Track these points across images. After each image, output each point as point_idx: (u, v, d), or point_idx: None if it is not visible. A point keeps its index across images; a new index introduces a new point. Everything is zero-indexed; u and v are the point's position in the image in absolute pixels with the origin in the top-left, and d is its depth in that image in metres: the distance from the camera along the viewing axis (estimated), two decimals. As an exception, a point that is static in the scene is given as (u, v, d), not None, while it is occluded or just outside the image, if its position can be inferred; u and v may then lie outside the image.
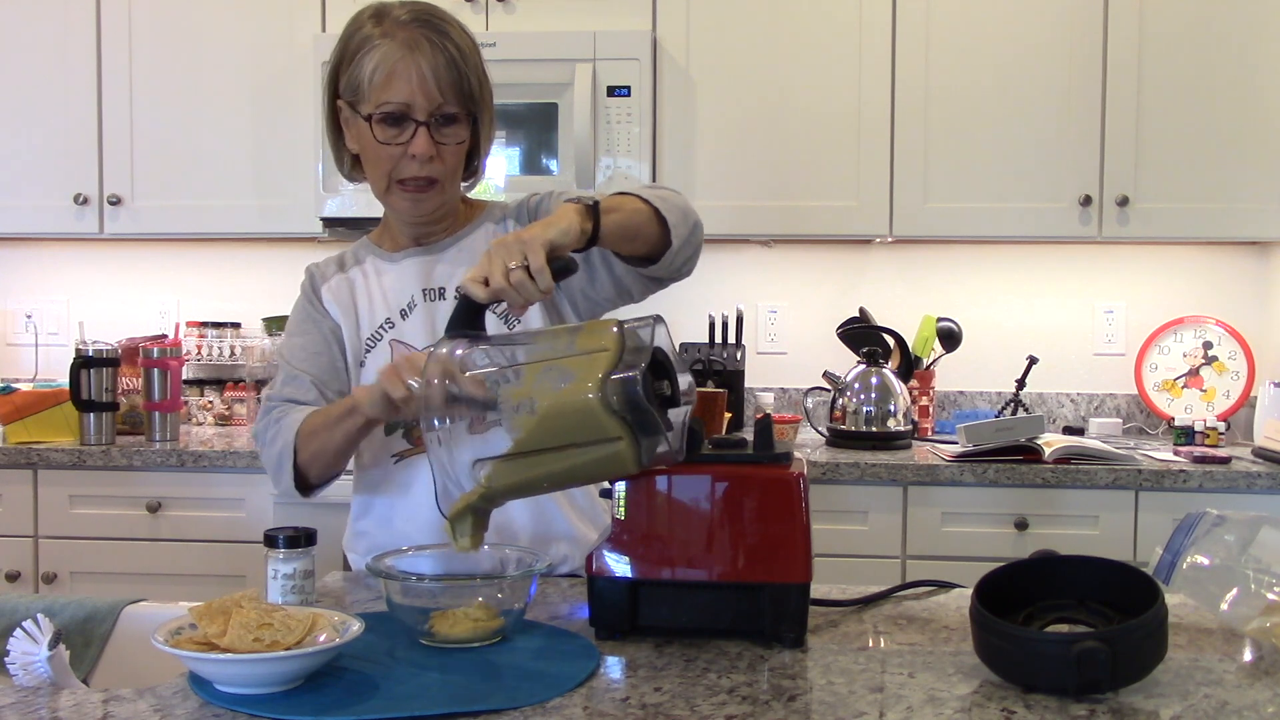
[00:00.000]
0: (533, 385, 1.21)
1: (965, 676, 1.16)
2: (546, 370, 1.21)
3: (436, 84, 1.51)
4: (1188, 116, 2.95)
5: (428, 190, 1.57)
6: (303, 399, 1.60)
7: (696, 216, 1.54)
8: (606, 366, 1.17)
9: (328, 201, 3.02)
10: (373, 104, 1.52)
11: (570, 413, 1.17)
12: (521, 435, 1.21)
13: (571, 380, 1.18)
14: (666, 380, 1.23)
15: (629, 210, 1.42)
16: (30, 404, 2.92)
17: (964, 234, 3.07)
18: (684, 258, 1.52)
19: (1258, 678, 1.17)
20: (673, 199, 1.49)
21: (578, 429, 1.18)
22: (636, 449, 1.18)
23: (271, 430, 1.58)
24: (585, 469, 1.22)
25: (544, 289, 1.26)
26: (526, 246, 1.26)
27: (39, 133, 3.18)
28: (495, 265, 1.26)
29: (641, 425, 1.17)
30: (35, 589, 2.85)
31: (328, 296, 1.67)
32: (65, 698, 1.08)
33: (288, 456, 1.54)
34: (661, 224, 1.45)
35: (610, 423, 1.16)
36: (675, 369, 1.24)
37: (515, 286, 1.26)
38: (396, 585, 1.25)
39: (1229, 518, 1.43)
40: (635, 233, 1.43)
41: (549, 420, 1.19)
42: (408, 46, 1.50)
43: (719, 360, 3.21)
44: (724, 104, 3.04)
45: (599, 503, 1.66)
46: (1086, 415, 3.32)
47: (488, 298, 1.27)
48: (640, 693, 1.11)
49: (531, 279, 1.25)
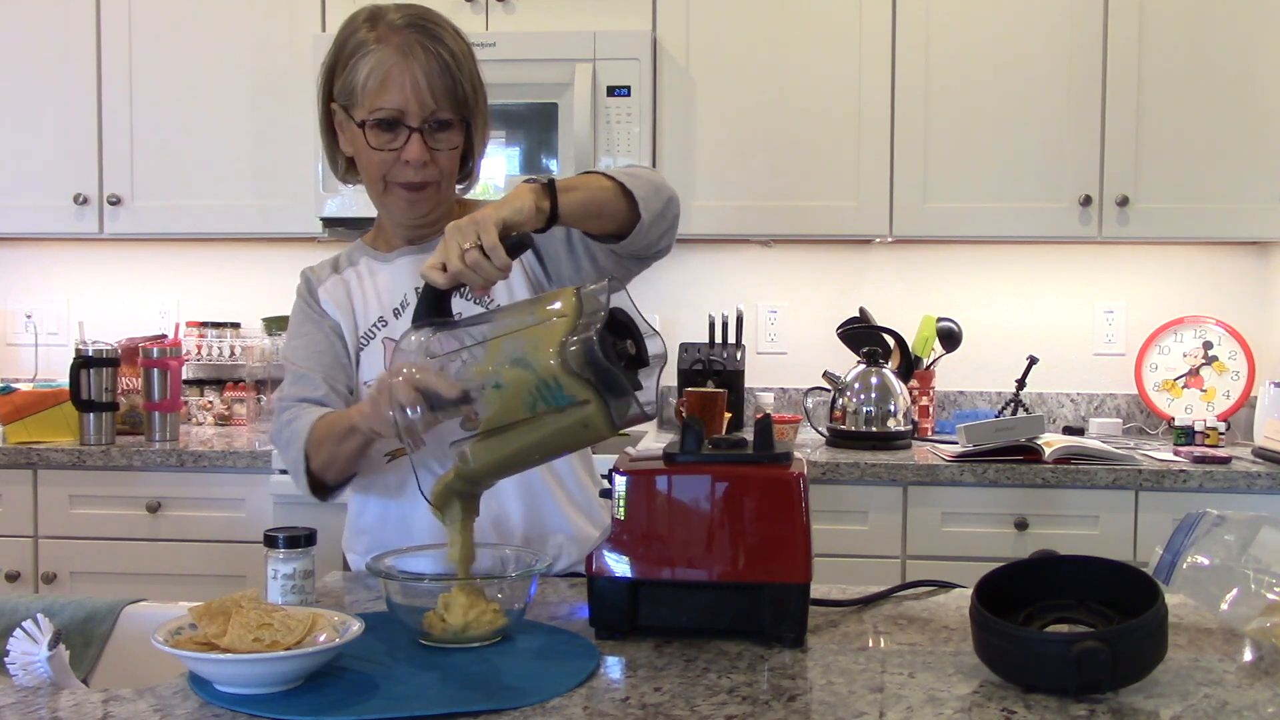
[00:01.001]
0: (496, 359, 1.21)
1: (965, 676, 1.16)
2: (507, 343, 1.21)
3: (430, 90, 1.51)
4: (1188, 116, 2.95)
5: (422, 192, 1.57)
6: (312, 395, 1.60)
7: (671, 191, 1.52)
8: (565, 330, 1.17)
9: (328, 201, 3.02)
10: (366, 110, 1.52)
11: (534, 380, 1.17)
12: (491, 411, 1.21)
13: (531, 348, 1.18)
14: (629, 340, 1.22)
15: (592, 188, 1.41)
16: (30, 404, 2.92)
17: (964, 234, 3.07)
18: (658, 232, 1.50)
19: (1258, 678, 1.17)
20: (644, 174, 1.48)
21: (545, 397, 1.17)
22: (605, 410, 1.17)
23: (285, 433, 1.58)
24: (559, 437, 1.21)
25: (500, 266, 1.26)
26: (479, 226, 1.26)
27: (39, 133, 3.18)
28: (451, 249, 1.26)
29: (607, 385, 1.17)
30: (35, 589, 2.85)
31: (324, 298, 1.67)
32: (65, 698, 1.08)
33: (300, 463, 1.55)
34: (629, 199, 1.43)
35: (575, 385, 1.16)
36: (639, 329, 1.23)
37: (472, 267, 1.26)
38: (396, 585, 1.25)
39: (1229, 518, 1.43)
40: (599, 209, 1.42)
41: (515, 392, 1.19)
42: (401, 52, 1.50)
43: (719, 360, 3.21)
44: (724, 104, 3.04)
45: (596, 498, 1.66)
46: (1086, 415, 3.32)
47: (447, 282, 1.27)
48: (640, 693, 1.11)
49: (487, 258, 1.25)
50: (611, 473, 1.28)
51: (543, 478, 1.60)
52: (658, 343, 1.26)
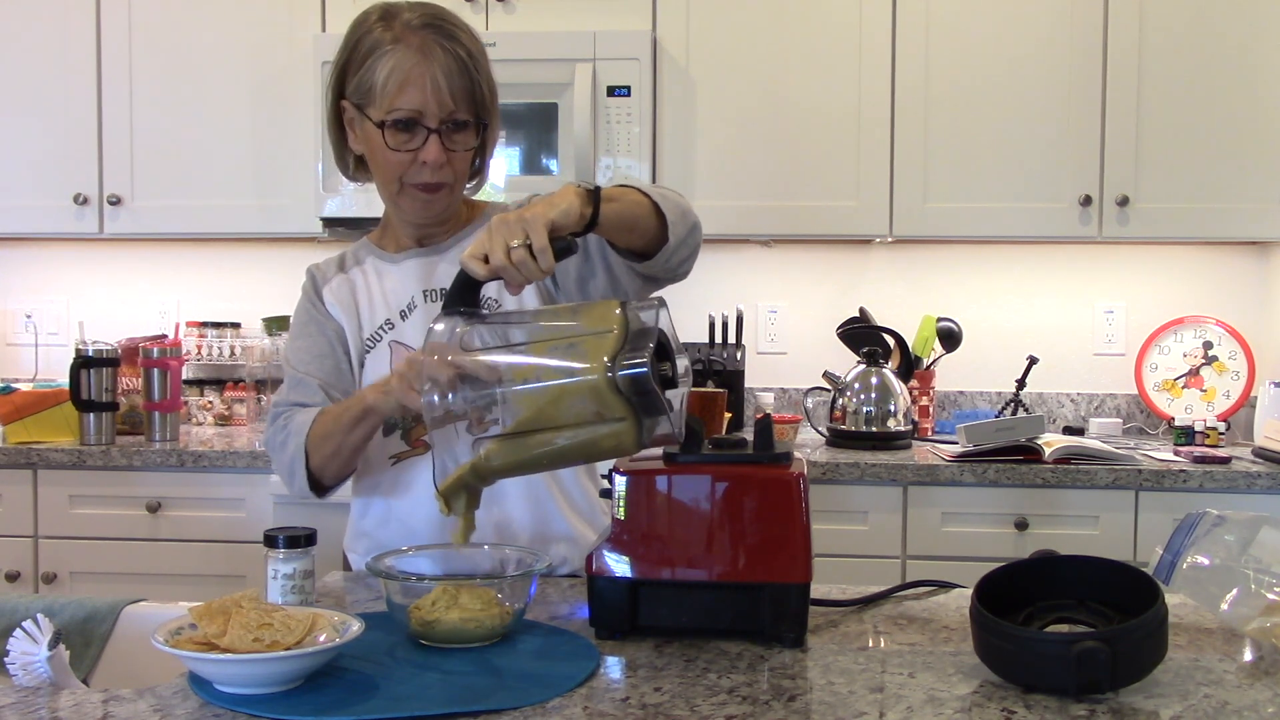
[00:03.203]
0: (537, 364, 1.21)
1: (965, 676, 1.16)
2: (552, 349, 1.21)
3: (450, 91, 1.50)
4: (1188, 116, 2.95)
5: (437, 193, 1.57)
6: (310, 402, 1.60)
7: (696, 218, 1.52)
8: (614, 347, 1.17)
9: (328, 201, 3.02)
10: (384, 110, 1.51)
11: (577, 392, 1.18)
12: (525, 414, 1.21)
13: (578, 360, 1.18)
14: (668, 362, 1.23)
15: (629, 201, 1.41)
16: (30, 404, 2.92)
17: (964, 234, 3.07)
18: (680, 257, 1.51)
19: (1258, 678, 1.17)
20: (673, 198, 1.49)
21: (583, 409, 1.18)
22: (638, 430, 1.19)
23: (281, 435, 1.58)
24: (584, 448, 1.22)
25: (545, 268, 1.24)
26: (529, 225, 1.24)
27: (39, 133, 3.18)
28: (496, 242, 1.24)
29: (646, 407, 1.18)
30: (35, 589, 2.85)
31: (329, 298, 1.67)
32: (65, 698, 1.08)
33: (299, 460, 1.54)
34: (660, 219, 1.44)
35: (616, 403, 1.17)
36: (675, 351, 1.24)
37: (517, 265, 1.24)
38: (396, 585, 1.25)
39: (1229, 518, 1.43)
40: (633, 224, 1.41)
41: (554, 399, 1.19)
42: (421, 52, 1.49)
43: (719, 360, 3.21)
44: (724, 104, 3.04)
45: (598, 503, 1.66)
46: (1086, 415, 3.32)
47: (487, 274, 1.26)
48: (640, 693, 1.11)
49: (533, 258, 1.24)
50: (611, 473, 1.28)
51: (546, 483, 1.60)
52: (684, 361, 1.27)
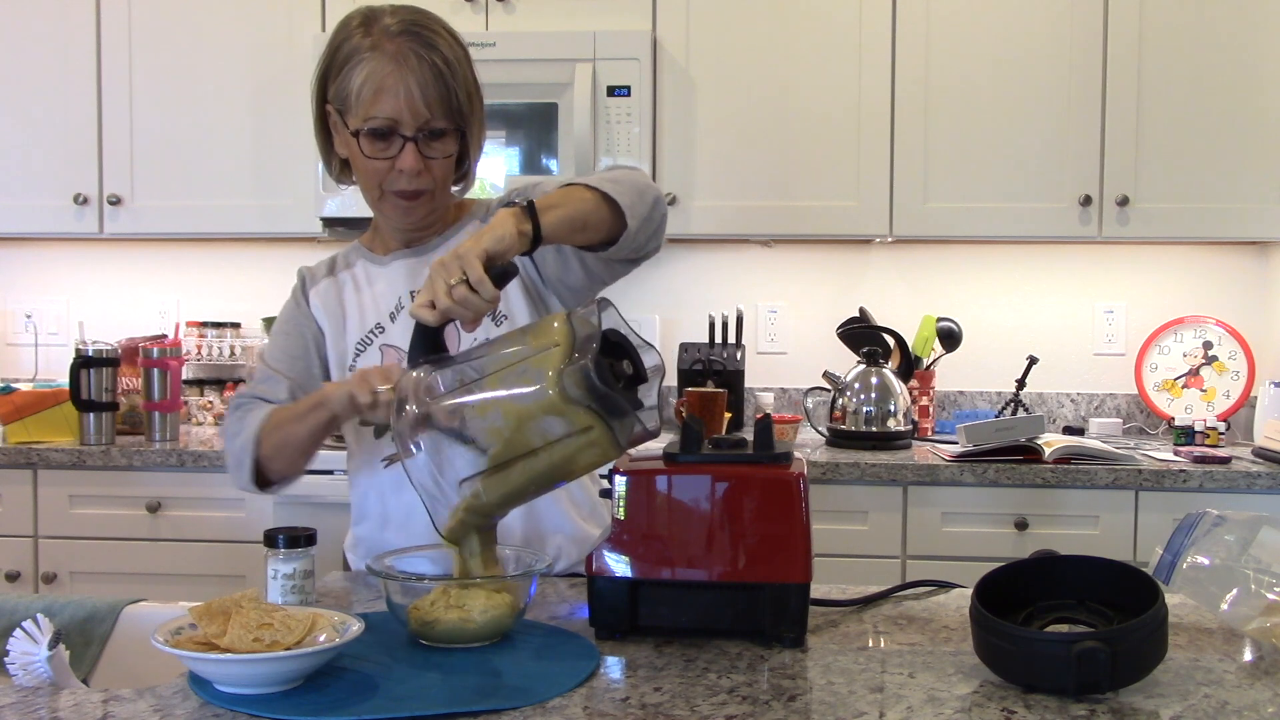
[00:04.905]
0: (494, 396, 1.21)
1: (965, 676, 1.16)
2: (503, 378, 1.22)
3: (424, 100, 1.50)
4: (1188, 116, 2.95)
5: (417, 200, 1.57)
6: (274, 399, 1.60)
7: (656, 191, 1.51)
8: (559, 361, 1.17)
9: (328, 201, 3.02)
10: (360, 118, 1.51)
11: (537, 413, 1.18)
12: (497, 447, 1.21)
13: (530, 383, 1.18)
14: (626, 359, 1.23)
15: (574, 201, 1.40)
16: (30, 404, 2.92)
17: (964, 234, 3.07)
18: (645, 235, 1.49)
19: (1258, 678, 1.17)
20: (626, 178, 1.47)
21: (550, 427, 1.18)
22: (610, 433, 1.18)
23: (236, 426, 1.58)
24: (567, 465, 1.22)
25: (489, 299, 1.26)
26: (463, 261, 1.26)
27: (39, 133, 3.18)
28: (438, 286, 1.27)
29: (608, 409, 1.17)
30: (35, 589, 2.85)
31: (315, 301, 1.68)
32: (65, 698, 1.08)
33: (248, 450, 1.54)
34: (613, 208, 1.42)
35: (577, 413, 1.17)
36: (634, 346, 1.24)
37: (459, 303, 1.26)
38: (396, 585, 1.26)
39: (1229, 518, 1.43)
40: (583, 223, 1.41)
41: (518, 425, 1.19)
42: (395, 60, 1.49)
43: (719, 360, 3.21)
44: (724, 104, 3.04)
45: (597, 500, 1.66)
46: (1086, 415, 3.32)
47: (437, 320, 1.28)
48: (640, 693, 1.11)
49: (474, 291, 1.26)
50: (611, 473, 1.28)
51: None
52: (653, 355, 1.26)
